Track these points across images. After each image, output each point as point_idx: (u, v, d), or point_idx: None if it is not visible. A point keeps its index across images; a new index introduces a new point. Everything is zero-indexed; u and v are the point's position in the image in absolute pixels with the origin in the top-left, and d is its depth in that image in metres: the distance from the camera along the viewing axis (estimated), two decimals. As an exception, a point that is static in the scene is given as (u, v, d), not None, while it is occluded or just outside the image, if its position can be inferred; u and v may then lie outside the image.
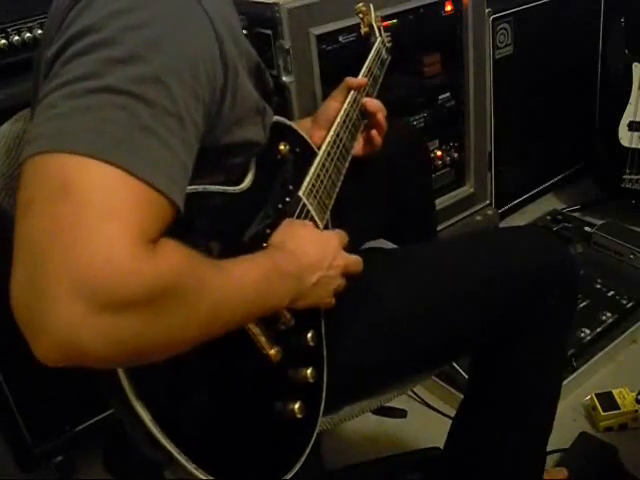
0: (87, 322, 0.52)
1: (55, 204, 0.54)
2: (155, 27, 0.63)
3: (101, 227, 0.54)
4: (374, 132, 1.19)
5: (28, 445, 1.46)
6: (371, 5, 1.36)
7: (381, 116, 1.17)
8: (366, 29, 1.34)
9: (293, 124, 1.00)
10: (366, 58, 1.26)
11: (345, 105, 1.13)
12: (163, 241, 0.60)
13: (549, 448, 1.17)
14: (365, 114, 1.17)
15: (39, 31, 1.33)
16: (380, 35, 1.33)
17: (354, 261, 0.91)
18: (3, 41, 1.30)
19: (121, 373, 0.64)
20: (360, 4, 1.34)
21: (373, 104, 1.18)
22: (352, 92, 1.16)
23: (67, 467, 1.53)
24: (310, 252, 0.84)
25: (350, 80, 1.18)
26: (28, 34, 1.32)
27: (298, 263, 0.81)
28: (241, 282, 0.69)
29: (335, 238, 0.90)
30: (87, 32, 0.62)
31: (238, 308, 0.68)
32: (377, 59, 1.28)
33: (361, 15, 1.34)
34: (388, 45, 1.34)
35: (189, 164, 0.65)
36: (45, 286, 0.52)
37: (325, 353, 0.91)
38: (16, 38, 1.31)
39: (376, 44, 1.30)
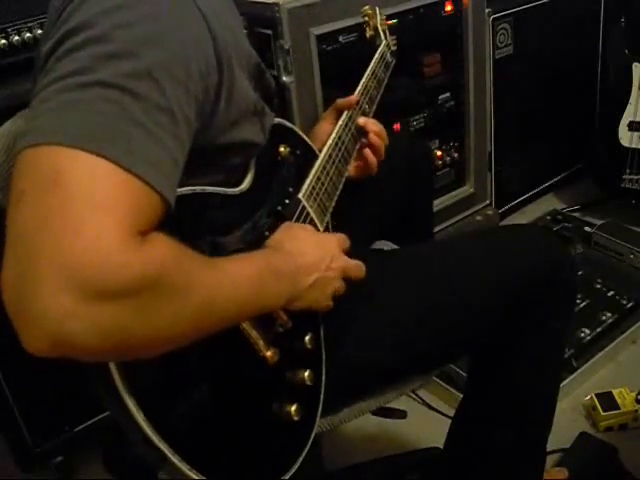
0: (75, 312, 0.53)
1: (45, 195, 0.55)
2: (147, 24, 0.64)
3: (90, 218, 0.54)
4: (367, 150, 1.15)
5: (28, 445, 1.46)
6: (377, 8, 1.36)
7: (373, 136, 1.13)
8: (371, 32, 1.34)
9: (294, 126, 1.00)
10: (370, 60, 1.26)
11: (343, 116, 1.11)
12: (153, 234, 0.60)
13: (549, 448, 1.16)
14: (362, 134, 1.14)
15: (39, 31, 1.33)
16: (385, 38, 1.33)
17: (354, 265, 0.90)
18: (3, 41, 1.30)
19: (114, 371, 0.64)
20: (366, 7, 1.34)
21: (369, 123, 1.15)
22: (346, 112, 1.13)
23: (67, 467, 1.53)
24: (307, 253, 0.83)
25: (340, 101, 1.16)
26: (28, 34, 1.32)
27: (294, 263, 0.81)
28: (234, 278, 0.69)
29: (334, 240, 0.89)
30: (80, 28, 0.63)
31: (231, 304, 0.68)
32: (381, 62, 1.27)
33: (367, 18, 1.34)
34: (393, 48, 1.34)
35: (180, 160, 0.65)
36: (34, 276, 0.53)
37: (324, 356, 0.91)
38: (16, 38, 1.31)
39: (381, 47, 1.30)
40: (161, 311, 0.58)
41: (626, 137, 2.18)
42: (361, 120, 1.14)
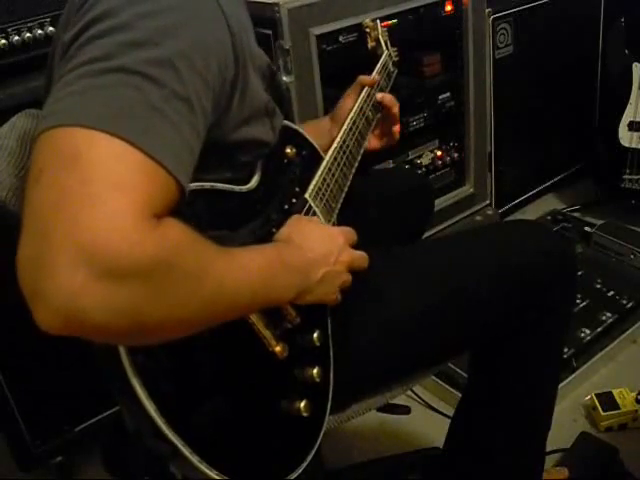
0: (88, 289, 0.53)
1: (63, 174, 0.55)
2: (169, 16, 0.65)
3: (106, 197, 0.55)
4: (396, 128, 1.23)
5: (28, 445, 1.46)
6: (378, 21, 1.38)
7: (396, 110, 1.22)
8: (373, 44, 1.36)
9: (299, 128, 1.01)
10: (372, 68, 1.27)
11: (359, 101, 1.16)
12: (168, 218, 0.61)
13: (549, 448, 1.17)
14: (379, 107, 1.21)
15: (39, 31, 1.33)
16: (387, 49, 1.34)
17: (359, 257, 0.91)
18: (3, 41, 1.30)
19: (127, 364, 0.64)
20: (367, 20, 1.36)
21: (387, 98, 1.21)
22: (365, 89, 1.19)
23: (67, 467, 1.53)
24: (316, 247, 0.84)
25: (362, 78, 1.20)
26: (28, 34, 1.32)
27: (304, 258, 0.81)
28: (246, 268, 0.69)
29: (341, 234, 0.90)
30: (104, 17, 0.64)
31: (241, 294, 0.68)
32: (384, 71, 1.29)
33: (368, 30, 1.36)
34: (395, 59, 1.36)
35: (196, 149, 0.66)
36: (48, 253, 0.53)
37: (332, 353, 0.91)
38: (16, 38, 1.31)
39: (383, 56, 1.31)
40: (173, 292, 0.59)
41: (626, 137, 2.18)
42: (378, 95, 1.21)
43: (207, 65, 0.67)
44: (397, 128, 1.24)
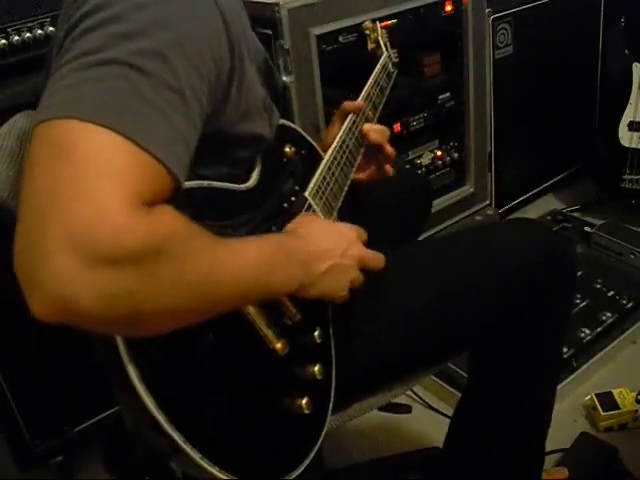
0: (81, 276, 0.54)
1: (56, 166, 0.56)
2: (163, 7, 0.66)
3: (98, 186, 0.56)
4: (388, 167, 1.15)
5: (28, 445, 1.46)
6: (377, 23, 1.37)
7: (387, 145, 1.13)
8: (372, 45, 1.36)
9: (298, 127, 1.01)
10: (372, 69, 1.27)
11: (347, 121, 1.11)
12: (161, 205, 0.61)
13: (549, 448, 1.17)
14: (362, 142, 1.13)
15: (39, 31, 1.33)
16: (387, 50, 1.34)
17: (373, 255, 0.89)
18: (3, 41, 1.30)
19: (125, 360, 0.64)
20: (367, 22, 1.36)
21: (375, 133, 1.13)
22: (350, 116, 1.12)
23: (67, 467, 1.53)
24: (321, 240, 0.82)
25: (347, 104, 1.14)
26: (28, 34, 1.32)
27: (307, 249, 0.80)
28: (244, 256, 0.68)
29: (353, 230, 0.89)
30: (97, 10, 0.65)
31: (237, 283, 0.67)
32: (383, 72, 1.29)
33: (367, 32, 1.36)
34: (395, 60, 1.36)
35: (191, 141, 0.66)
36: (42, 241, 0.54)
37: (333, 351, 0.91)
38: (16, 38, 1.31)
39: (383, 57, 1.31)
40: (165, 280, 0.58)
41: (626, 137, 2.18)
42: (366, 126, 1.13)
43: (201, 57, 0.67)
44: (388, 167, 1.15)
